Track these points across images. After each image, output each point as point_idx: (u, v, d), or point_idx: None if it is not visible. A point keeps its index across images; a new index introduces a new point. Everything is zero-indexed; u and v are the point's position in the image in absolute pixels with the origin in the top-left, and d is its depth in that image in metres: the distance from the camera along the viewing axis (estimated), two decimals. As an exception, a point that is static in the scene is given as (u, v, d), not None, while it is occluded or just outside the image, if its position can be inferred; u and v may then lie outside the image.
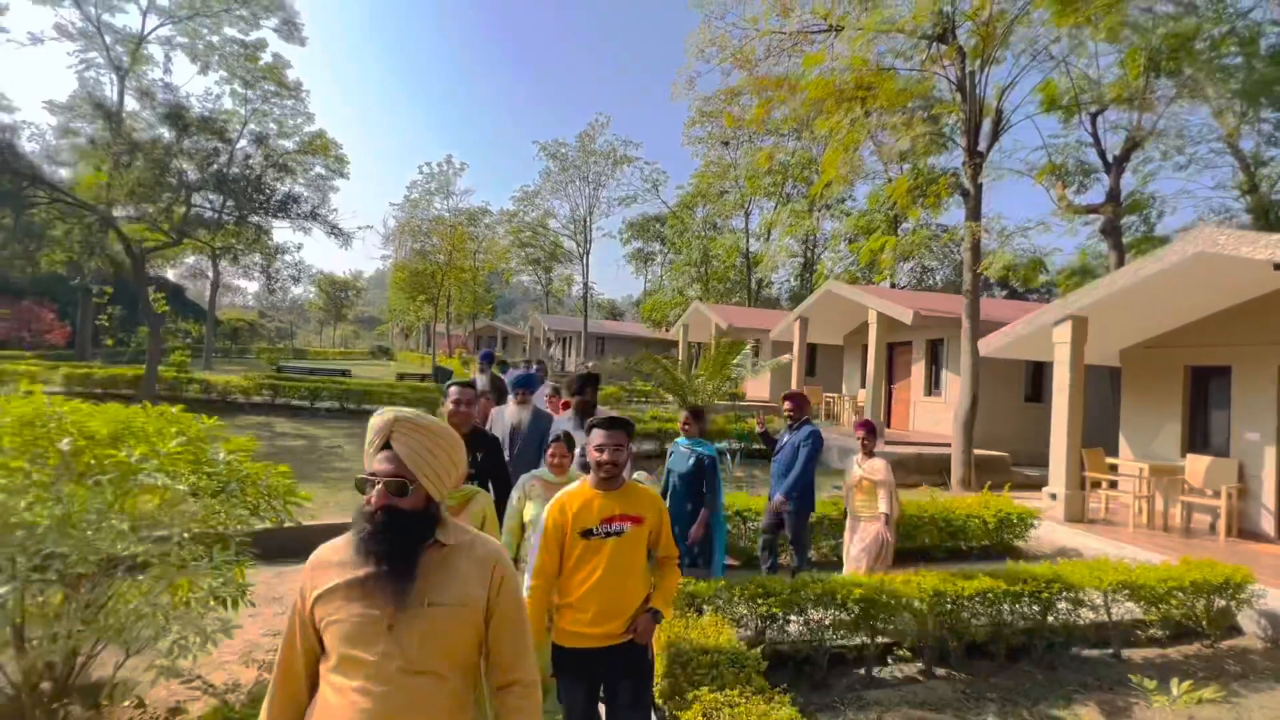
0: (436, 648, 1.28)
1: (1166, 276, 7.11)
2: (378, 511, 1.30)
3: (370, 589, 1.27)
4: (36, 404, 2.64)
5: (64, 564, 2.26)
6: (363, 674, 1.24)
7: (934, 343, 13.37)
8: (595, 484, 2.35)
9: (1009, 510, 6.70)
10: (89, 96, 15.19)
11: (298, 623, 1.35)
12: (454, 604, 1.31)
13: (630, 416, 2.80)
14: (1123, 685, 4.11)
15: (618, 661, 2.27)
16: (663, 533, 2.43)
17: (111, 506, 2.48)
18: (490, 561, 1.40)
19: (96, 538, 2.33)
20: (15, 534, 2.25)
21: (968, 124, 10.16)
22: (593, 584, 2.23)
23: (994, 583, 4.30)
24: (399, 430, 1.36)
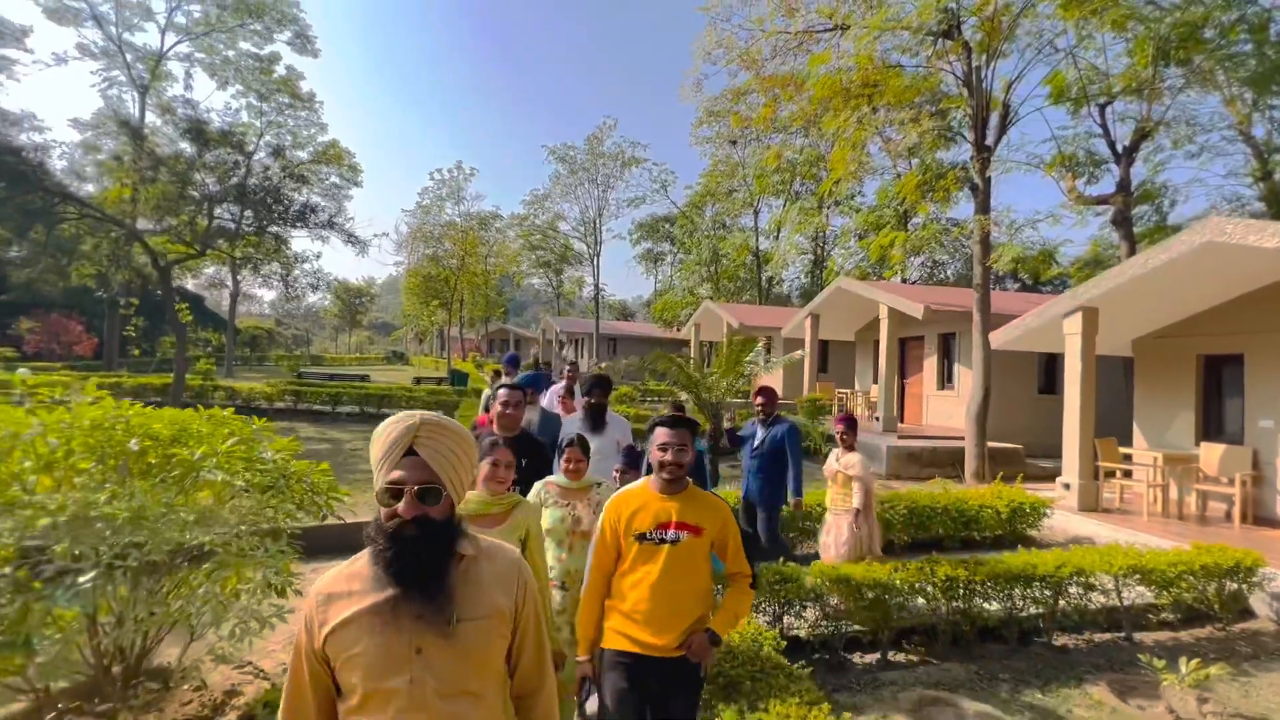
0: (470, 666, 1.21)
1: (1175, 266, 7.16)
2: (409, 523, 1.20)
3: (395, 612, 1.17)
4: (105, 408, 2.87)
5: (140, 553, 2.47)
6: (394, 706, 1.14)
7: (946, 337, 13.42)
8: (658, 486, 2.22)
9: (1022, 500, 6.79)
10: (114, 114, 15.64)
11: (305, 665, 1.22)
12: (483, 617, 1.23)
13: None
14: (1134, 666, 4.22)
15: (668, 676, 2.13)
16: (729, 545, 2.23)
17: (178, 500, 2.70)
18: (513, 570, 1.34)
19: (166, 529, 2.55)
20: (95, 526, 2.47)
21: (975, 118, 10.23)
22: (645, 590, 2.11)
23: (1005, 568, 4.43)
24: (425, 434, 1.27)
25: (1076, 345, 8.20)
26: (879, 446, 10.94)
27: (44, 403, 3.19)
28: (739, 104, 21.10)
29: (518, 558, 1.39)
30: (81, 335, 18.87)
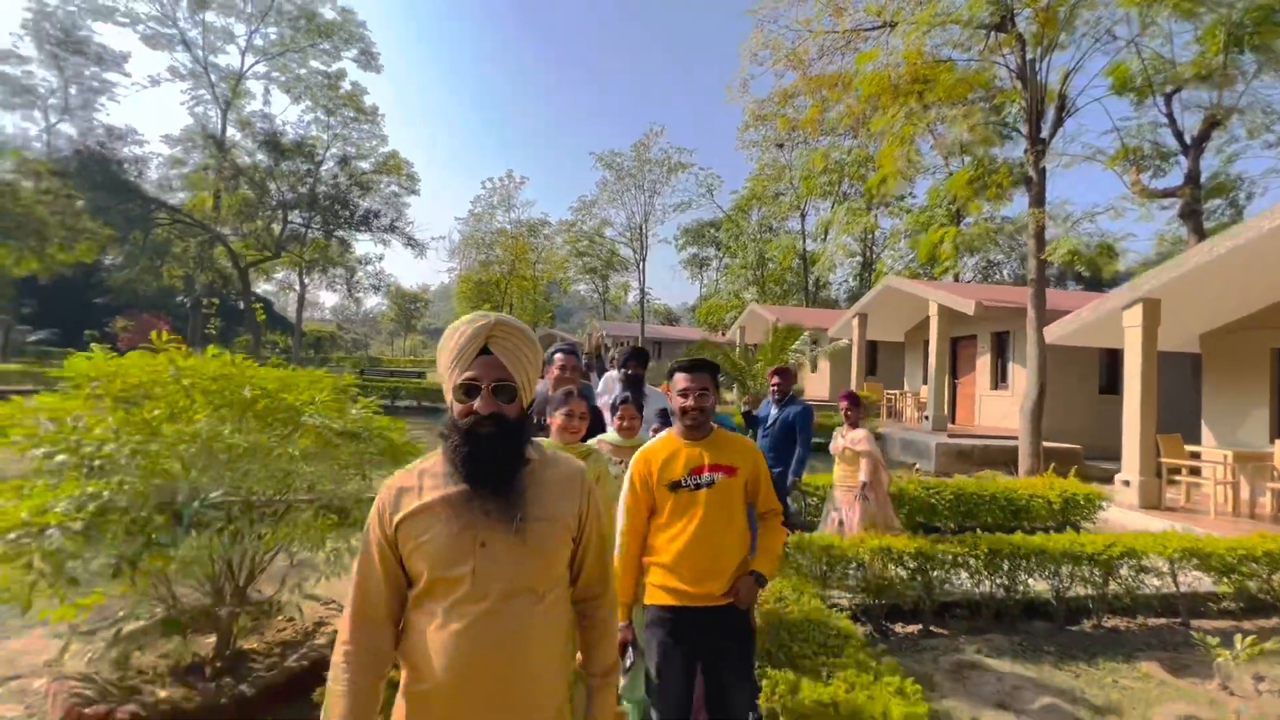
0: (531, 565, 1.22)
1: (1243, 254, 6.91)
2: (485, 419, 1.22)
3: (463, 506, 1.21)
4: (224, 361, 3.30)
5: (256, 480, 2.87)
6: (457, 594, 1.18)
7: (1000, 335, 13.11)
8: (681, 433, 2.18)
9: (1076, 491, 6.65)
10: (202, 129, 17.00)
11: (376, 551, 1.24)
12: (547, 519, 1.25)
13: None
14: (1187, 648, 4.17)
15: (718, 625, 2.07)
16: (761, 484, 2.20)
17: (285, 440, 3.10)
18: (577, 477, 1.36)
19: (278, 462, 2.94)
20: (221, 456, 2.88)
21: (1029, 111, 10.05)
22: (686, 540, 2.05)
23: (1052, 545, 4.44)
24: (499, 333, 1.28)
25: (1137, 338, 7.96)
26: (928, 445, 10.81)
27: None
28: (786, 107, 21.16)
29: (581, 467, 1.39)
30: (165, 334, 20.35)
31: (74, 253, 12.25)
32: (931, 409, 12.26)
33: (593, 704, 1.38)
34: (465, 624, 1.16)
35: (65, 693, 2.84)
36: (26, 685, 3.12)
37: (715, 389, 2.18)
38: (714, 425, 2.23)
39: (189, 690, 2.95)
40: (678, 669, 2.06)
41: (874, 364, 19.88)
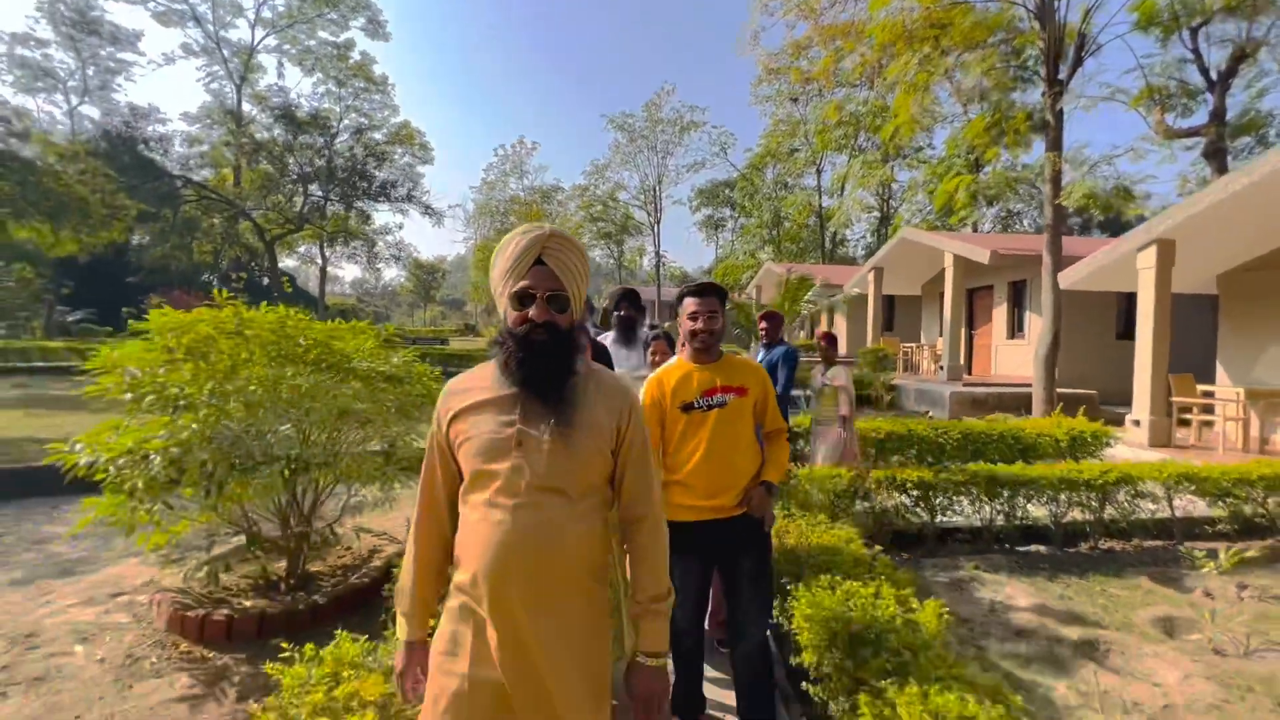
0: (565, 467, 1.26)
1: (1260, 190, 6.88)
2: (539, 327, 1.27)
3: (508, 406, 1.28)
4: (280, 314, 3.64)
5: (317, 416, 3.23)
6: (494, 488, 1.25)
7: (1016, 285, 13.08)
8: (690, 356, 2.25)
9: (1083, 429, 6.82)
10: (220, 105, 17.25)
11: (435, 448, 1.36)
12: (581, 427, 1.29)
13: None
14: (1177, 564, 4.43)
15: (734, 535, 2.18)
16: (769, 405, 2.29)
17: (339, 383, 3.45)
18: (620, 392, 1.38)
19: (334, 401, 3.29)
20: (284, 395, 3.24)
21: (1047, 52, 9.86)
22: (699, 458, 2.14)
23: (1050, 472, 4.69)
24: (553, 244, 1.31)
25: (1150, 279, 8.00)
26: (942, 394, 10.99)
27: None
28: (799, 59, 20.70)
29: (628, 386, 1.42)
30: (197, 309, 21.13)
31: (111, 232, 12.75)
32: (947, 359, 12.38)
33: (640, 633, 1.36)
34: (501, 515, 1.22)
35: (168, 602, 3.29)
36: (131, 600, 3.59)
37: (723, 312, 2.23)
38: (721, 350, 2.28)
39: (269, 601, 3.39)
40: (691, 579, 2.15)
41: (891, 319, 19.88)
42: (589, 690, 1.27)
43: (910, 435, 6.36)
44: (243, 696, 2.69)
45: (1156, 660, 3.14)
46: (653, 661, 1.34)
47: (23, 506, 5.31)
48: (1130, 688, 2.89)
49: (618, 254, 49.76)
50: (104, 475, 2.93)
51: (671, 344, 3.02)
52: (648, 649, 1.34)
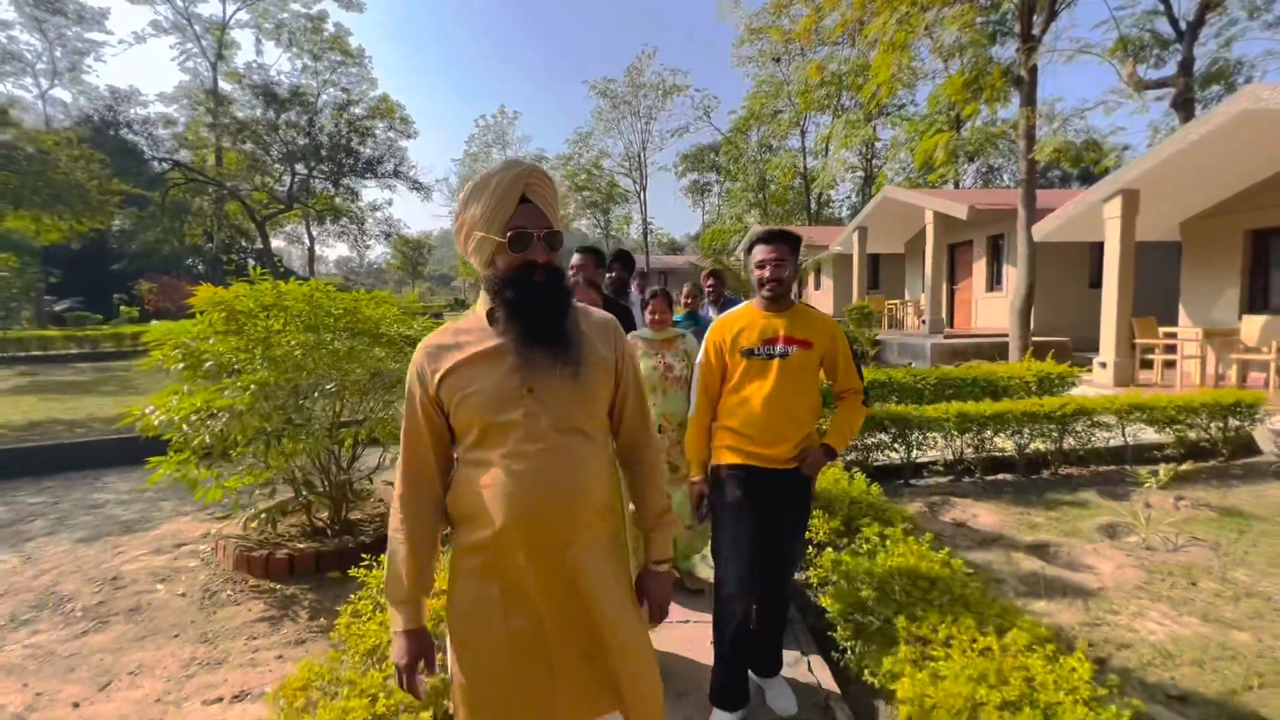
0: (578, 407, 1.25)
1: (1215, 139, 7.26)
2: (541, 268, 1.22)
3: (507, 355, 1.22)
4: (313, 285, 3.98)
5: (352, 377, 3.60)
6: (513, 438, 1.20)
7: (995, 239, 13.50)
8: (760, 304, 2.19)
9: (1050, 370, 7.33)
10: (200, 85, 17.01)
11: (418, 413, 1.26)
12: (587, 364, 1.27)
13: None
14: (1124, 484, 4.95)
15: (781, 487, 2.12)
16: (839, 361, 2.19)
17: (370, 346, 3.82)
18: (610, 326, 1.38)
19: (369, 361, 3.67)
20: (325, 357, 3.60)
21: (1021, 7, 10.06)
22: (757, 405, 2.08)
23: (1014, 406, 5.18)
24: (534, 181, 1.24)
25: (1116, 229, 8.43)
26: (923, 346, 11.48)
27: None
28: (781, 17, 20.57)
29: (613, 319, 1.41)
30: (190, 294, 21.10)
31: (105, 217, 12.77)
32: (929, 313, 12.85)
33: (650, 546, 1.44)
34: (524, 464, 1.18)
35: (231, 547, 3.71)
36: (194, 549, 4.00)
37: (795, 260, 2.14)
38: (794, 300, 2.21)
39: (320, 543, 3.81)
40: (744, 532, 2.09)
41: (877, 277, 20.30)
42: (630, 603, 1.33)
43: (890, 382, 6.82)
44: (313, 616, 3.13)
45: (1096, 557, 3.65)
46: (663, 568, 1.44)
47: (67, 479, 5.68)
48: (1072, 576, 3.40)
49: (604, 223, 49.61)
50: (172, 436, 3.31)
51: (670, 303, 3.09)
52: (656, 558, 1.43)
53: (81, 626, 3.06)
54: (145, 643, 2.90)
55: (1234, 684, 2.44)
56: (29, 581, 3.56)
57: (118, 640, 2.93)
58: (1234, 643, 2.71)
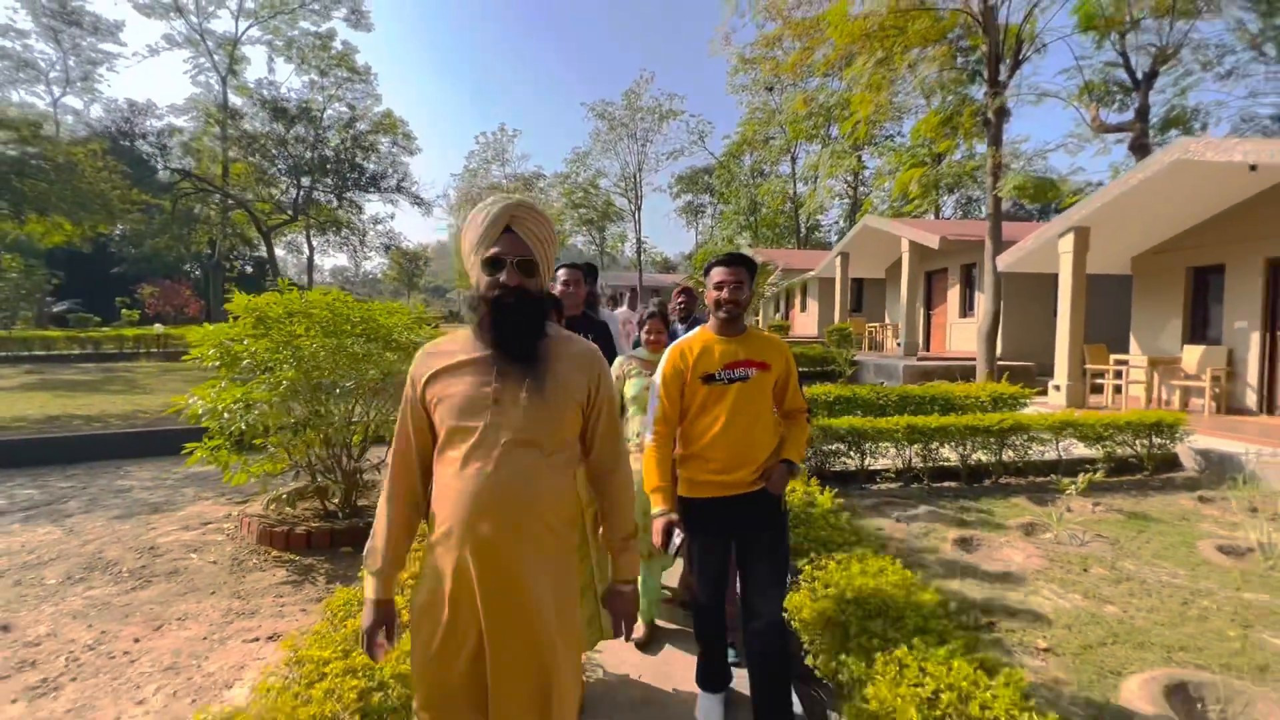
0: (539, 423, 1.34)
1: (1154, 184, 7.99)
2: (510, 290, 1.34)
3: (482, 367, 1.35)
4: (335, 294, 4.52)
5: (368, 377, 4.14)
6: (472, 442, 1.31)
7: (968, 267, 14.23)
8: (716, 328, 2.21)
9: (1004, 391, 7.96)
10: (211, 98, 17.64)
11: (409, 409, 1.41)
12: (554, 385, 1.37)
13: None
14: (1053, 492, 5.53)
15: (751, 511, 2.14)
16: (790, 383, 2.24)
17: (384, 350, 4.36)
18: (590, 356, 1.47)
19: (383, 364, 4.20)
20: (344, 359, 4.14)
21: (989, 57, 10.87)
22: (717, 431, 2.10)
23: (959, 421, 5.76)
24: (520, 214, 1.37)
25: (1069, 262, 9.13)
26: (897, 367, 12.11)
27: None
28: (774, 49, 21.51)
29: (595, 349, 1.51)
30: (190, 299, 21.76)
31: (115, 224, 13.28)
32: (904, 336, 13.51)
33: (616, 566, 1.54)
34: (479, 466, 1.30)
35: (255, 523, 4.20)
36: (219, 527, 4.49)
37: (750, 283, 2.19)
38: (746, 324, 2.26)
39: (332, 524, 4.31)
40: (711, 556, 2.16)
41: (860, 300, 21.04)
42: (567, 621, 1.39)
43: (854, 398, 7.41)
44: (330, 581, 3.62)
45: (1011, 549, 4.21)
46: (627, 587, 1.54)
47: (90, 468, 6.14)
48: (986, 563, 3.96)
49: (599, 240, 50.42)
50: (210, 424, 3.82)
51: (666, 322, 3.10)
52: (621, 577, 1.54)
53: (129, 584, 3.54)
54: (187, 597, 3.39)
55: (1093, 641, 2.99)
56: (76, 549, 4.04)
57: (163, 595, 3.41)
58: (1104, 613, 3.27)
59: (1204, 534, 4.46)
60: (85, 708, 2.44)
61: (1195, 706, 2.54)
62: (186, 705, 2.45)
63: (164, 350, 16.10)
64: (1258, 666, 2.78)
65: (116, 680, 2.63)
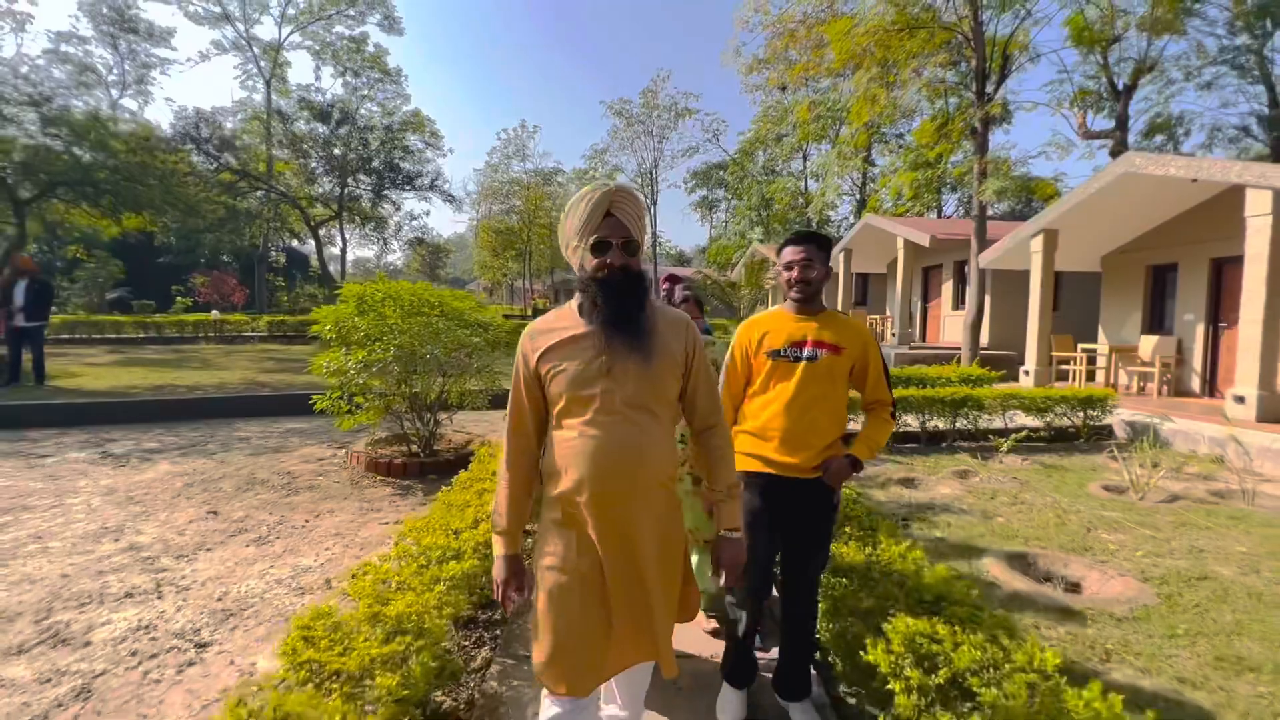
0: (648, 388, 1.47)
1: (1109, 193, 9.05)
2: (618, 269, 1.46)
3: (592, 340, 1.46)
4: (420, 287, 5.82)
5: (447, 345, 5.44)
6: (591, 409, 1.45)
7: (960, 264, 15.25)
8: (790, 307, 2.17)
9: (973, 373, 9.11)
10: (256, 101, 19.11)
11: (522, 381, 1.54)
12: (658, 353, 1.48)
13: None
14: (995, 452, 6.71)
15: (802, 497, 2.06)
16: (870, 371, 2.11)
17: (460, 327, 5.67)
18: (682, 322, 1.58)
19: (462, 337, 5.50)
20: (429, 333, 5.44)
21: (977, 71, 11.89)
22: (779, 408, 2.05)
23: (918, 394, 6.94)
24: (620, 198, 1.48)
25: (1038, 261, 10.21)
26: (890, 355, 13.23)
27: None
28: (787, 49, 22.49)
29: (685, 316, 1.61)
30: (236, 288, 23.47)
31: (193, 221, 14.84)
32: (898, 328, 14.61)
33: (720, 515, 1.64)
34: (599, 431, 1.44)
35: (362, 456, 5.54)
36: (329, 461, 5.83)
37: (824, 261, 2.11)
38: (824, 304, 2.19)
39: (420, 460, 5.62)
40: (764, 531, 2.08)
41: (865, 293, 22.07)
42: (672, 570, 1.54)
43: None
44: (427, 493, 4.94)
45: (942, 485, 5.41)
46: (734, 535, 1.62)
47: (209, 423, 7.54)
48: (919, 495, 5.17)
49: (616, 234, 51.46)
50: (333, 380, 5.15)
51: (701, 306, 3.12)
52: (728, 526, 1.62)
53: (283, 493, 4.89)
54: (328, 501, 4.73)
55: (974, 535, 4.20)
56: (233, 472, 5.40)
57: (310, 500, 4.75)
58: (994, 523, 4.48)
59: (1099, 479, 5.63)
60: (291, 552, 3.77)
61: (1029, 567, 3.76)
62: (356, 553, 3.77)
63: (220, 334, 17.66)
64: (1083, 547, 3.99)
65: (304, 540, 3.96)
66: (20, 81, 12.04)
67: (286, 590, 3.25)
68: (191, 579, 3.35)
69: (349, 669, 1.68)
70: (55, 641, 2.71)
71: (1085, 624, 2.98)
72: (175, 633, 2.80)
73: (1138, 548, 3.99)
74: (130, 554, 3.66)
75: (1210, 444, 6.43)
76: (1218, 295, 9.10)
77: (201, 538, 3.93)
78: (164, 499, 4.66)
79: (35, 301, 8.85)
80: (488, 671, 2.49)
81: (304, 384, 9.56)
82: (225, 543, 3.86)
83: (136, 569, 3.46)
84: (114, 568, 3.47)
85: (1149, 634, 2.90)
